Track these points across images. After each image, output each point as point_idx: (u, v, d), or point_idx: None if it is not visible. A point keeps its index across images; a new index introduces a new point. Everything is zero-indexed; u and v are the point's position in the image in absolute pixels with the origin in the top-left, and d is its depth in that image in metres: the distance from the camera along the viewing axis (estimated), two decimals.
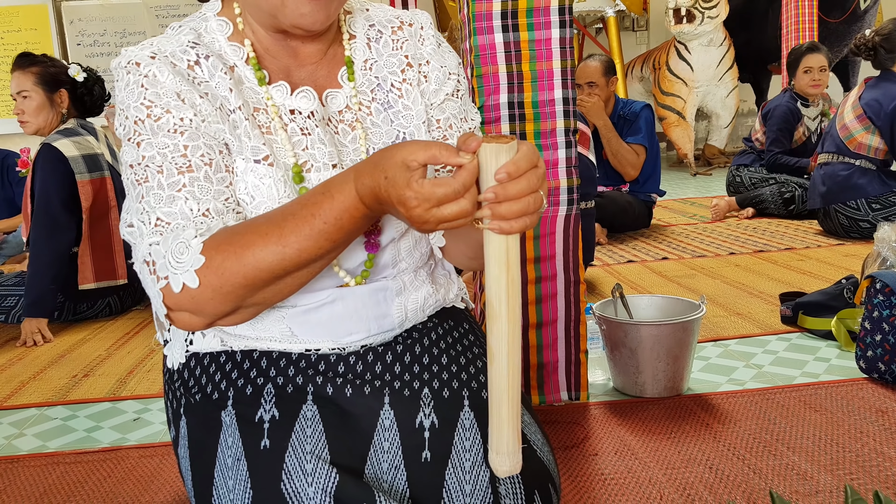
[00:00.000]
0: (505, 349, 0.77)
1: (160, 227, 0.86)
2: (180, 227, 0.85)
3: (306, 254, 0.81)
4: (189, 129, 0.89)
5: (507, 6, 1.65)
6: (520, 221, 0.74)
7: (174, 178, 0.87)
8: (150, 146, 0.88)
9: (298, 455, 0.90)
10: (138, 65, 0.91)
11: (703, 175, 6.90)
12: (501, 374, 0.78)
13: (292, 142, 0.95)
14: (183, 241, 0.83)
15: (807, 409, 1.71)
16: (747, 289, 2.80)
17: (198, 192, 0.88)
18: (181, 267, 0.82)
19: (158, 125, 0.89)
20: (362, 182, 0.78)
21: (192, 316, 0.85)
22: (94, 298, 2.94)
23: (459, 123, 1.07)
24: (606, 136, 3.92)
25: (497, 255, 0.76)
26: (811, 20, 5.88)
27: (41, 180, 2.79)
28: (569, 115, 1.71)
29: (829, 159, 3.73)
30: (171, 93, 0.90)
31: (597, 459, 1.53)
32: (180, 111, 0.89)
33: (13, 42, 8.25)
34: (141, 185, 0.88)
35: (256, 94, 0.96)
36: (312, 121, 0.96)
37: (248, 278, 0.82)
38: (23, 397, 2.13)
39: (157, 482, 1.56)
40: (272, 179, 0.92)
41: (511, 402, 0.79)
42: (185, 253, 0.83)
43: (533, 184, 0.74)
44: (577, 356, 1.80)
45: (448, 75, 1.06)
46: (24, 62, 2.85)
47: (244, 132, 0.93)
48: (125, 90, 0.91)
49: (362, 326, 0.99)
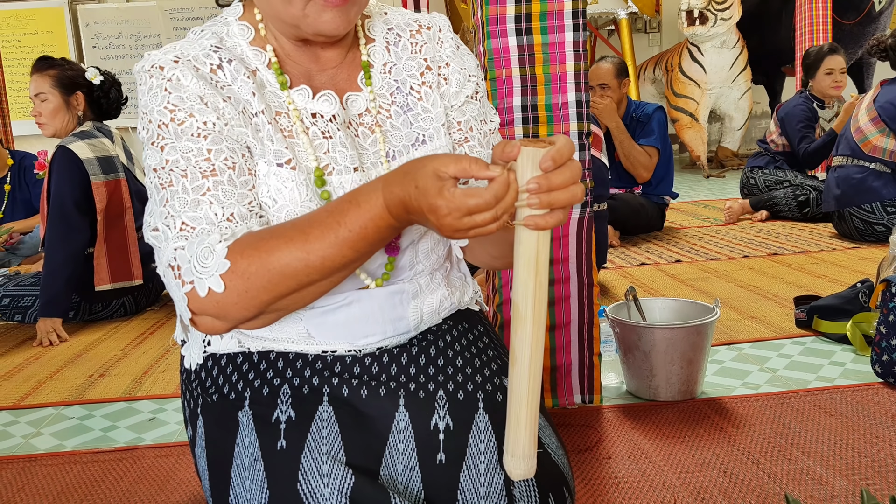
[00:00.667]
0: (528, 353, 0.77)
1: (185, 232, 0.87)
2: (205, 232, 0.86)
3: (329, 262, 0.82)
4: (212, 132, 0.90)
5: (520, 10, 1.66)
6: (555, 215, 0.74)
7: (198, 181, 0.88)
8: (173, 150, 0.89)
9: (314, 456, 0.91)
10: (162, 69, 0.91)
11: (717, 177, 6.88)
12: (522, 377, 0.78)
13: (314, 145, 0.95)
14: (208, 246, 0.84)
15: (822, 413, 1.70)
16: (761, 292, 2.79)
17: (222, 196, 0.88)
18: (206, 271, 0.83)
19: (182, 129, 0.89)
20: (391, 191, 0.79)
21: (215, 320, 0.86)
22: (110, 299, 2.97)
23: (479, 125, 1.07)
24: (619, 138, 3.92)
25: (527, 256, 0.75)
26: (825, 22, 5.85)
27: (56, 182, 2.82)
28: (582, 118, 1.71)
29: (843, 162, 3.71)
30: (194, 96, 0.90)
31: (610, 463, 1.53)
32: (203, 115, 0.90)
33: (30, 44, 8.32)
34: (165, 189, 0.89)
35: (278, 98, 0.96)
36: (334, 124, 0.97)
37: (272, 283, 0.82)
38: (40, 397, 2.15)
39: (172, 482, 1.57)
40: (294, 183, 0.93)
41: (530, 406, 0.79)
42: (209, 258, 0.83)
43: (576, 173, 0.74)
44: (590, 359, 1.80)
45: (468, 77, 1.06)
46: (43, 65, 2.88)
47: (266, 136, 0.93)
48: (148, 94, 0.92)
49: (378, 329, 1.00)
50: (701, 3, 6.41)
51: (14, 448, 1.81)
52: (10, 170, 4.12)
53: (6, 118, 5.41)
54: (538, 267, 0.76)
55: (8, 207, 4.19)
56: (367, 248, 0.82)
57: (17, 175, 4.14)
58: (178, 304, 0.87)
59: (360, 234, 0.81)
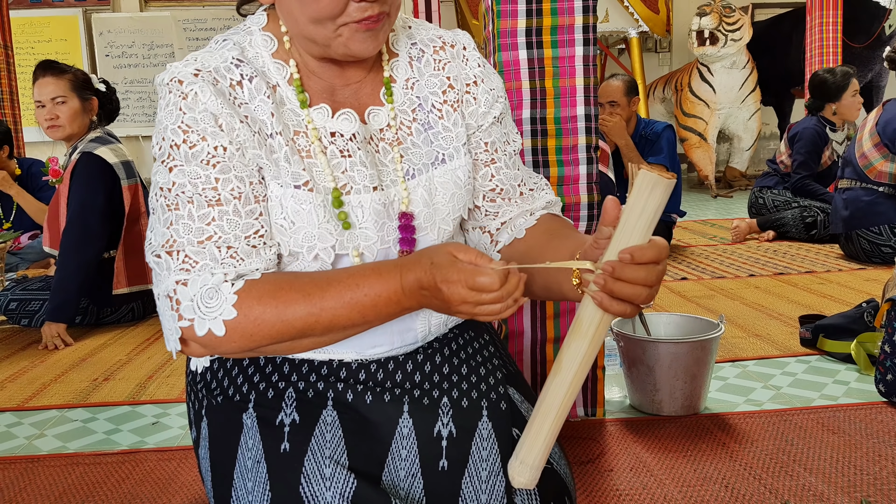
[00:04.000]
0: (574, 368, 0.78)
1: (187, 265, 0.87)
2: (208, 269, 0.87)
3: (336, 321, 0.86)
4: (222, 160, 0.89)
5: (531, 24, 1.67)
6: (621, 305, 0.76)
7: (204, 210, 0.88)
8: (181, 173, 0.89)
9: (317, 459, 0.91)
10: (181, 83, 0.90)
11: (724, 197, 6.88)
12: (561, 389, 0.79)
13: (332, 164, 0.94)
14: (213, 287, 0.86)
15: (825, 431, 1.70)
16: (767, 311, 2.78)
17: (226, 227, 0.89)
18: (210, 313, 0.85)
19: (193, 153, 0.89)
20: (409, 269, 0.85)
21: (203, 349, 0.89)
22: (119, 304, 2.99)
23: (504, 146, 1.07)
24: (628, 155, 3.93)
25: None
26: (835, 45, 5.87)
27: (80, 189, 2.83)
28: (591, 132, 1.72)
29: (850, 185, 3.71)
30: (208, 116, 0.89)
31: (612, 475, 1.53)
32: (216, 139, 0.89)
33: (43, 52, 8.38)
34: (171, 212, 0.89)
35: (297, 117, 0.95)
36: (354, 143, 0.96)
37: (279, 332, 0.86)
38: (44, 399, 2.16)
39: (174, 485, 1.58)
40: (312, 205, 0.92)
41: (557, 420, 0.81)
42: (214, 299, 0.86)
43: (650, 278, 0.76)
44: (594, 372, 1.80)
45: (497, 98, 1.06)
46: (56, 68, 2.89)
47: (283, 157, 0.92)
48: (164, 110, 0.91)
49: (386, 340, 1.00)
50: (712, 23, 6.44)
51: (17, 449, 1.82)
52: (17, 179, 4.15)
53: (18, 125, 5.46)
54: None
55: (17, 216, 4.22)
56: (373, 316, 0.87)
57: (24, 183, 4.17)
58: (168, 330, 0.88)
59: (373, 300, 0.85)
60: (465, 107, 1.04)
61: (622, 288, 0.75)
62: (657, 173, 0.72)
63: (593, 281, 0.76)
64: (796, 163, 4.47)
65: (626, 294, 0.75)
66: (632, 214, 0.74)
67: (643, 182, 0.73)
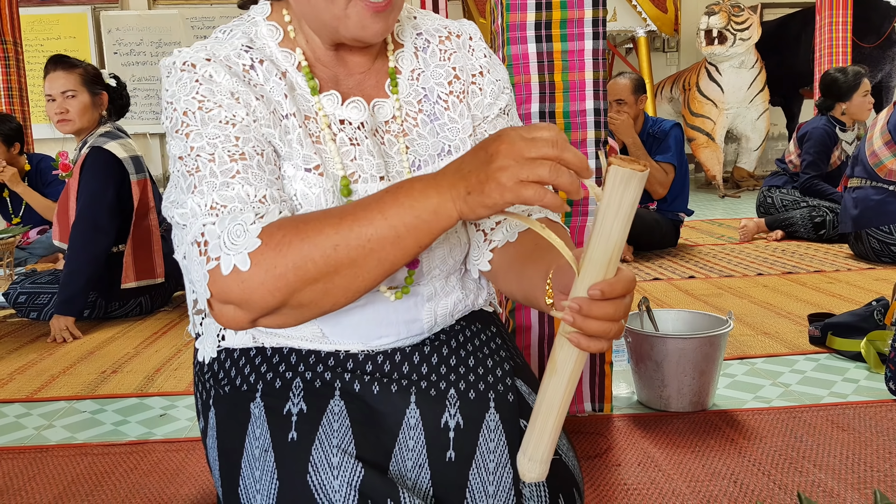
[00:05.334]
0: (570, 367, 0.77)
1: (216, 210, 0.83)
2: (238, 210, 0.83)
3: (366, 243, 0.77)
4: (239, 123, 0.88)
5: (540, 17, 1.67)
6: (595, 343, 0.74)
7: (227, 165, 0.86)
8: (199, 136, 0.87)
9: (325, 448, 0.90)
10: (194, 66, 0.90)
11: (732, 197, 6.86)
12: (560, 387, 0.78)
13: (341, 152, 0.94)
14: (241, 224, 0.81)
15: (834, 428, 1.69)
16: (775, 309, 2.77)
17: (252, 179, 0.86)
18: (235, 248, 0.79)
19: (209, 116, 0.87)
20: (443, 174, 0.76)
21: (237, 310, 0.81)
22: (127, 298, 3.00)
23: None
24: (635, 154, 3.92)
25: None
26: (845, 44, 5.85)
27: (89, 183, 2.84)
28: (600, 126, 1.71)
29: (860, 183, 3.70)
30: (225, 91, 0.89)
31: (620, 470, 1.53)
32: (233, 109, 0.88)
33: (52, 49, 8.42)
34: (192, 176, 0.86)
35: (307, 103, 0.95)
36: (362, 131, 0.96)
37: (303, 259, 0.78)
38: (52, 390, 2.16)
39: (182, 476, 1.58)
40: (321, 189, 0.91)
41: (559, 416, 0.80)
42: (242, 236, 0.80)
43: (618, 312, 0.73)
44: (601, 367, 1.79)
45: (502, 89, 1.05)
46: (67, 63, 2.91)
47: (296, 139, 0.92)
48: (177, 84, 0.90)
49: (392, 331, 1.00)
50: (720, 23, 6.42)
51: (27, 439, 1.83)
52: (26, 174, 4.17)
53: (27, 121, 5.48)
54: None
55: (25, 212, 4.24)
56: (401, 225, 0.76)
57: (34, 178, 4.19)
58: (198, 285, 0.83)
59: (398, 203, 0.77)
60: (470, 97, 1.03)
61: (591, 325, 0.73)
62: (629, 167, 0.68)
63: (563, 320, 0.74)
64: (805, 162, 4.45)
65: (595, 331, 0.73)
66: (608, 214, 0.70)
67: (616, 178, 0.68)
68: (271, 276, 0.78)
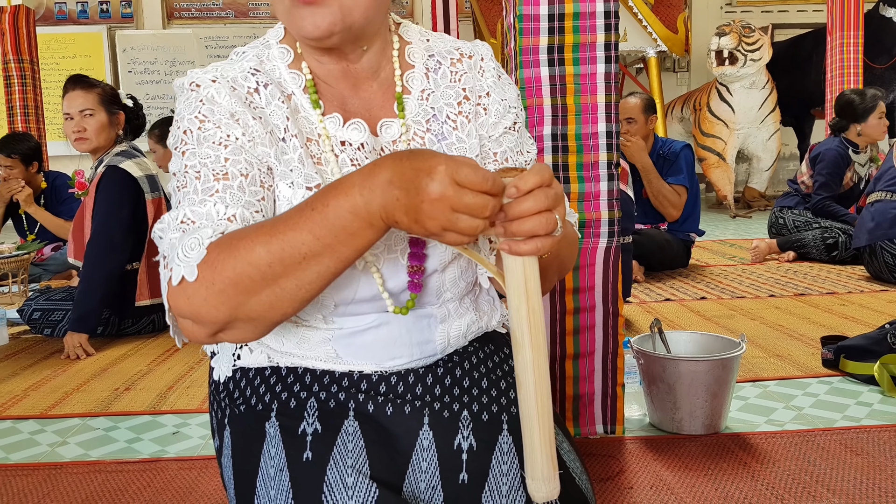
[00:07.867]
0: (531, 377, 0.78)
1: (185, 225, 0.86)
2: (202, 227, 0.85)
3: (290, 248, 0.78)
4: (233, 145, 0.91)
5: (553, 41, 1.69)
6: (530, 244, 0.74)
7: (209, 183, 0.89)
8: (193, 155, 0.90)
9: (340, 468, 0.91)
10: (199, 86, 0.94)
11: (743, 217, 6.84)
12: (529, 400, 0.79)
13: (342, 173, 0.95)
14: (197, 238, 0.83)
15: (848, 452, 1.68)
16: (787, 331, 2.76)
17: (228, 199, 0.88)
18: (186, 261, 0.81)
19: (205, 136, 0.91)
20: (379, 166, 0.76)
21: (193, 324, 0.84)
22: (140, 315, 3.02)
23: (515, 157, 1.07)
24: (647, 177, 3.92)
25: (516, 283, 0.76)
26: (856, 65, 5.85)
27: (105, 201, 2.87)
28: (612, 149, 1.73)
29: (881, 197, 3.69)
30: (225, 112, 0.92)
31: (632, 493, 1.52)
32: (230, 129, 0.92)
33: (68, 67, 8.53)
34: (180, 192, 0.90)
35: (311, 124, 0.97)
36: (362, 152, 0.97)
37: (237, 273, 0.79)
38: (66, 407, 2.18)
39: (195, 494, 1.59)
40: None
41: (541, 429, 0.79)
42: (195, 249, 0.82)
43: (541, 202, 0.74)
44: (613, 389, 1.79)
45: (508, 108, 1.06)
46: (86, 82, 2.95)
47: (298, 159, 0.94)
48: (184, 103, 0.94)
49: (405, 352, 1.00)
50: (731, 43, 6.44)
51: (40, 456, 1.84)
52: (42, 191, 4.22)
53: (43, 138, 5.54)
54: (528, 292, 0.76)
55: (40, 228, 4.29)
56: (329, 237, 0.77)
57: (49, 196, 4.24)
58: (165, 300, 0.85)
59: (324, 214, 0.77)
60: (477, 118, 1.05)
61: (521, 225, 0.73)
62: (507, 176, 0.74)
63: (494, 233, 0.75)
64: (818, 184, 4.44)
65: (527, 229, 0.73)
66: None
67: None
68: (211, 292, 0.80)
